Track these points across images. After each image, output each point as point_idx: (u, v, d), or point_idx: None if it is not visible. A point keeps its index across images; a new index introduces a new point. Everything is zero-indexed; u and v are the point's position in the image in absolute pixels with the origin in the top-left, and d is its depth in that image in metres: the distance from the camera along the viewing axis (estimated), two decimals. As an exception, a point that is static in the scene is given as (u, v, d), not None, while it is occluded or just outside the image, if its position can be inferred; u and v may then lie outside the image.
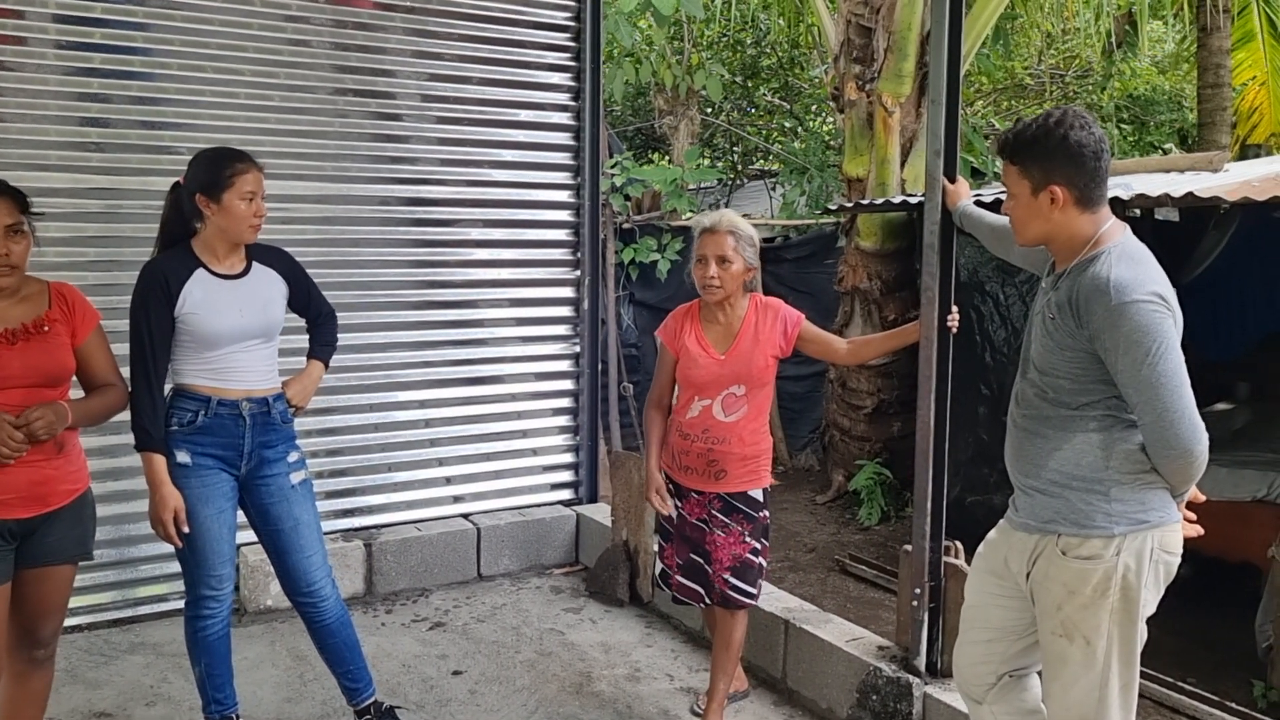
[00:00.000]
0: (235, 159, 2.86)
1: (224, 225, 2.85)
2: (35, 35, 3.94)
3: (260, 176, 2.88)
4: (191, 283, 2.82)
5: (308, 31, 4.42)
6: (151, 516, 2.82)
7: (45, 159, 3.97)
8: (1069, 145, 2.15)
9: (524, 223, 4.98)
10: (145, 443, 2.81)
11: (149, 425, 2.80)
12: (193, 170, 2.88)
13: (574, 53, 5.01)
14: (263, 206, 2.88)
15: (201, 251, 2.88)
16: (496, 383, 4.93)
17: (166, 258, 2.88)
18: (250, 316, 2.88)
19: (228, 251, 2.90)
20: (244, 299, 2.88)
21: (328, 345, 3.19)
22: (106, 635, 3.93)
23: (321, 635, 3.08)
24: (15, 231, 2.40)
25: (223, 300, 2.84)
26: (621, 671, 3.73)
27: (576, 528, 4.91)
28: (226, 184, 2.82)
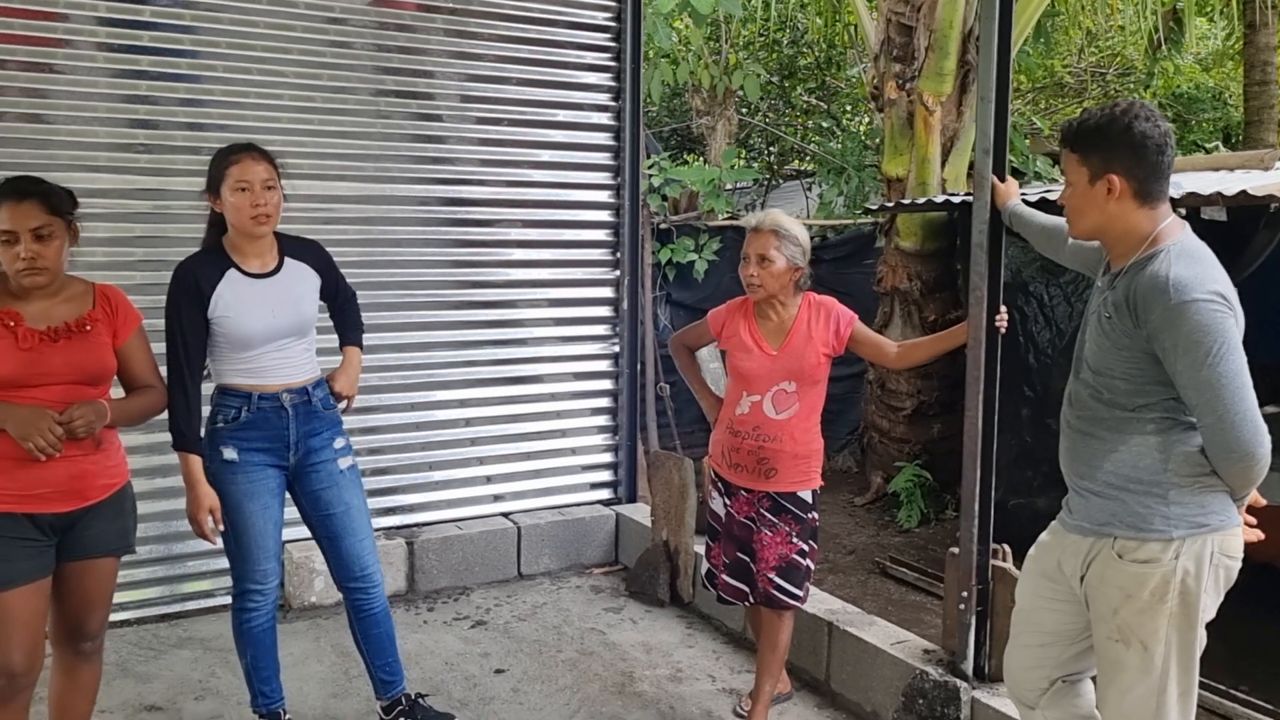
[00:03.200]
0: (230, 152, 2.84)
1: (230, 220, 2.85)
2: (83, 38, 4.00)
3: (258, 166, 2.80)
4: (223, 284, 2.82)
5: (349, 33, 4.45)
6: (188, 515, 2.86)
7: (94, 160, 4.03)
8: (1132, 135, 2.11)
9: (563, 223, 4.99)
10: (180, 443, 2.83)
11: (184, 426, 2.82)
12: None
13: (614, 53, 5.01)
14: (264, 197, 2.80)
15: (231, 250, 2.88)
16: (536, 382, 4.95)
17: (199, 258, 2.89)
18: (283, 316, 2.88)
19: (254, 248, 2.89)
20: (276, 298, 2.88)
21: (357, 328, 3.19)
22: (155, 630, 3.98)
23: (367, 625, 3.10)
24: (43, 235, 2.40)
25: (254, 301, 2.84)
26: (663, 672, 3.73)
27: (616, 527, 4.91)
28: (221, 178, 2.82)
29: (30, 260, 2.37)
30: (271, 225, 2.86)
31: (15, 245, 2.35)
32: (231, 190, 2.79)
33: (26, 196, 2.36)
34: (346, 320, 3.18)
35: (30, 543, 2.42)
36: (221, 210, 2.85)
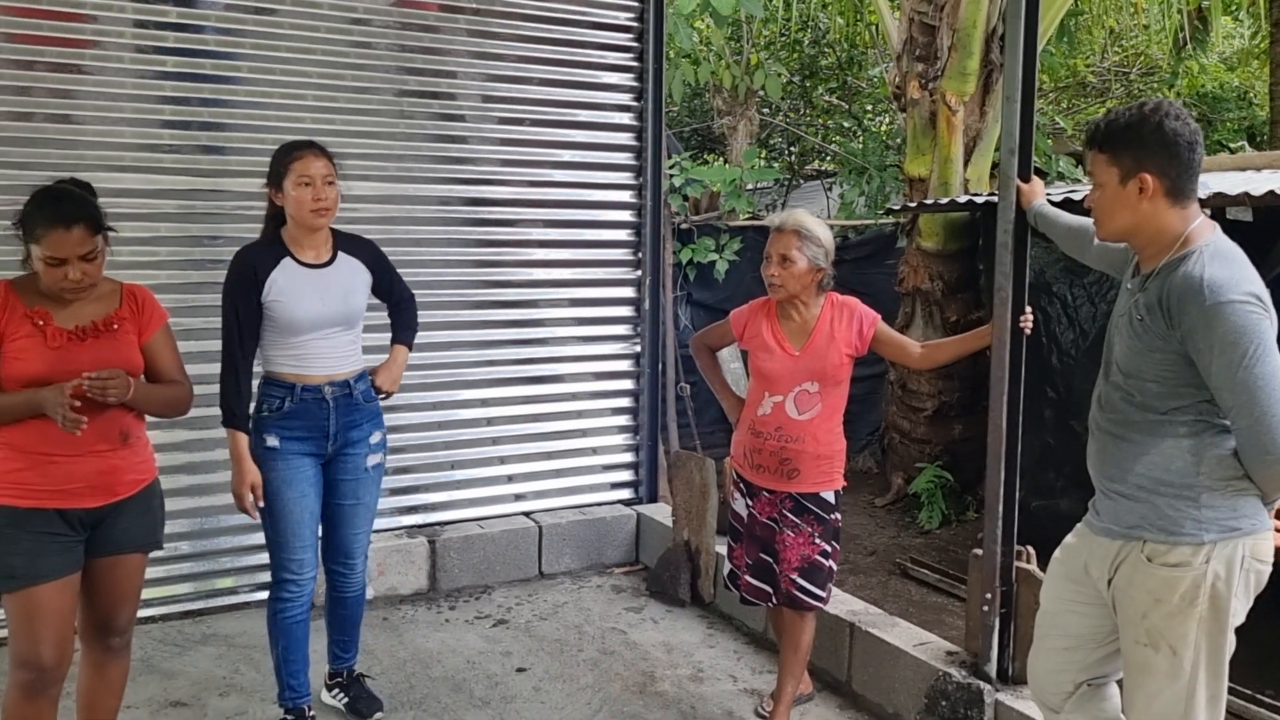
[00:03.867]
0: (294, 147, 2.96)
1: (290, 212, 2.95)
2: (111, 40, 4.03)
3: (319, 162, 2.92)
4: (277, 271, 2.93)
5: (372, 34, 4.47)
6: (232, 490, 2.96)
7: (120, 160, 4.05)
8: (1164, 133, 2.09)
9: (584, 223, 5.00)
10: (229, 419, 2.94)
11: (233, 403, 2.93)
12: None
13: (636, 53, 5.01)
14: (325, 192, 2.92)
15: (289, 241, 2.99)
16: (557, 382, 4.96)
17: (257, 246, 3.00)
18: (331, 305, 2.97)
19: (310, 240, 2.99)
20: (326, 288, 2.98)
21: (409, 329, 3.30)
22: (180, 626, 4.01)
23: (338, 603, 3.27)
24: (90, 257, 2.43)
25: (305, 289, 2.94)
26: (685, 672, 3.73)
27: (637, 527, 4.92)
28: (284, 172, 2.92)
29: (78, 281, 2.41)
30: (329, 218, 2.97)
31: (63, 267, 2.38)
32: (294, 184, 2.89)
33: (74, 223, 2.38)
34: (400, 320, 3.29)
35: (60, 538, 2.44)
36: (282, 203, 2.96)
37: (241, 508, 2.97)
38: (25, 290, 2.45)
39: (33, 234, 2.38)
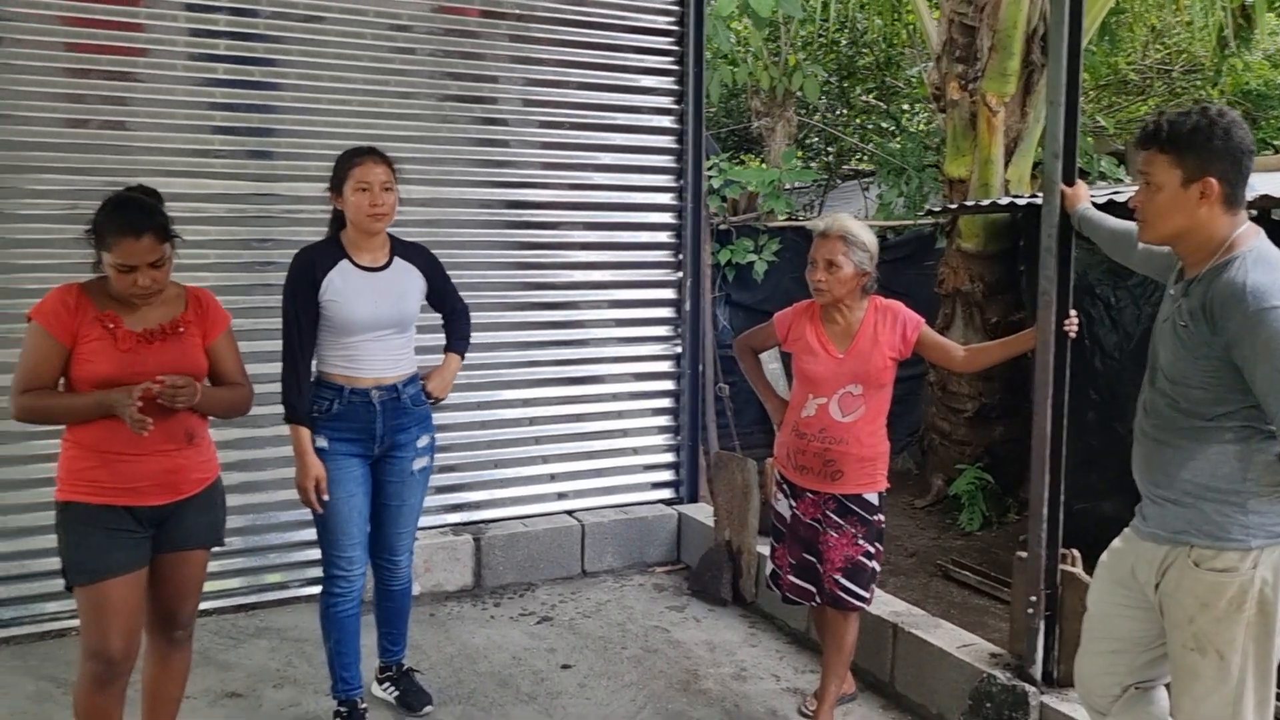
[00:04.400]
0: (354, 154, 3.03)
1: (349, 216, 3.03)
2: (163, 48, 4.14)
3: (378, 169, 2.99)
4: (334, 272, 3.00)
5: (415, 40, 4.55)
6: (296, 483, 3.03)
7: (171, 165, 4.15)
8: (1231, 140, 2.10)
9: (624, 225, 5.05)
10: (291, 415, 3.03)
11: (294, 400, 3.01)
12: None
13: (676, 56, 5.06)
14: (382, 197, 2.98)
15: (347, 244, 3.07)
16: (597, 382, 5.01)
17: (316, 246, 3.08)
18: (384, 308, 3.04)
19: (367, 244, 3.06)
20: (380, 290, 3.04)
21: (463, 339, 3.37)
22: (234, 620, 4.11)
23: (385, 595, 3.36)
24: (158, 264, 2.51)
25: (360, 290, 3.01)
26: (728, 670, 3.77)
27: (678, 527, 4.96)
28: (345, 178, 3.00)
29: (146, 287, 2.49)
30: (386, 223, 3.04)
31: (131, 275, 2.46)
32: (352, 190, 2.97)
33: (143, 232, 2.45)
34: (454, 330, 3.36)
35: (129, 534, 2.53)
36: (342, 208, 3.03)
37: (306, 501, 3.04)
38: (96, 294, 2.54)
39: (104, 242, 2.46)
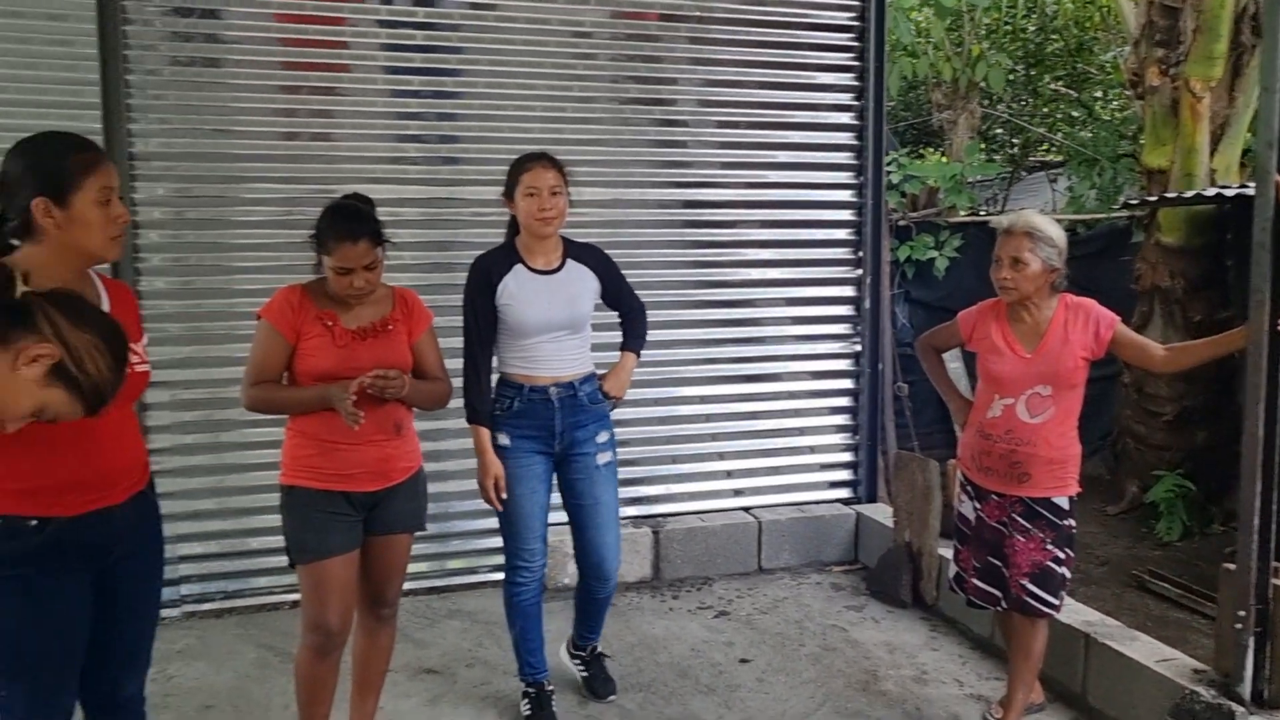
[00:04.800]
0: (524, 160, 3.11)
1: (520, 221, 3.13)
2: (364, 63, 4.42)
3: (547, 174, 3.05)
4: (509, 277, 3.11)
5: (596, 45, 4.68)
6: (478, 481, 3.17)
7: (371, 173, 4.41)
8: None
9: (802, 222, 5.04)
10: (472, 416, 3.16)
11: (475, 402, 3.14)
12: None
13: (856, 52, 5.01)
14: (550, 201, 3.04)
15: (521, 248, 3.16)
16: (775, 380, 5.03)
17: (493, 253, 3.18)
18: (558, 309, 3.12)
19: (540, 247, 3.14)
20: (554, 293, 3.12)
21: (638, 338, 3.39)
22: (427, 601, 4.35)
23: (589, 602, 3.42)
24: (372, 266, 2.69)
25: (534, 294, 3.10)
26: (908, 673, 3.72)
27: (856, 526, 4.92)
28: (515, 184, 3.10)
29: (360, 290, 2.68)
30: (555, 227, 3.10)
31: (348, 276, 2.65)
32: (522, 195, 3.07)
33: (360, 238, 2.64)
34: (629, 329, 3.40)
35: (344, 518, 2.73)
36: (515, 213, 3.14)
37: (486, 499, 3.17)
38: (316, 294, 2.75)
39: (324, 246, 2.67)
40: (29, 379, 1.70)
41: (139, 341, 2.23)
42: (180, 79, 4.17)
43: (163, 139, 4.17)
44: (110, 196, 2.09)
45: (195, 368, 4.25)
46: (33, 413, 1.74)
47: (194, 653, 3.85)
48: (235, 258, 4.30)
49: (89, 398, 1.77)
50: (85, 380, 1.75)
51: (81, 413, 1.79)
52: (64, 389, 1.74)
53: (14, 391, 1.69)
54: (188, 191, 4.23)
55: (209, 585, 4.31)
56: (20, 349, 1.69)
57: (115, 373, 1.80)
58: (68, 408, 1.76)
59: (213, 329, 4.28)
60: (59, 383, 1.73)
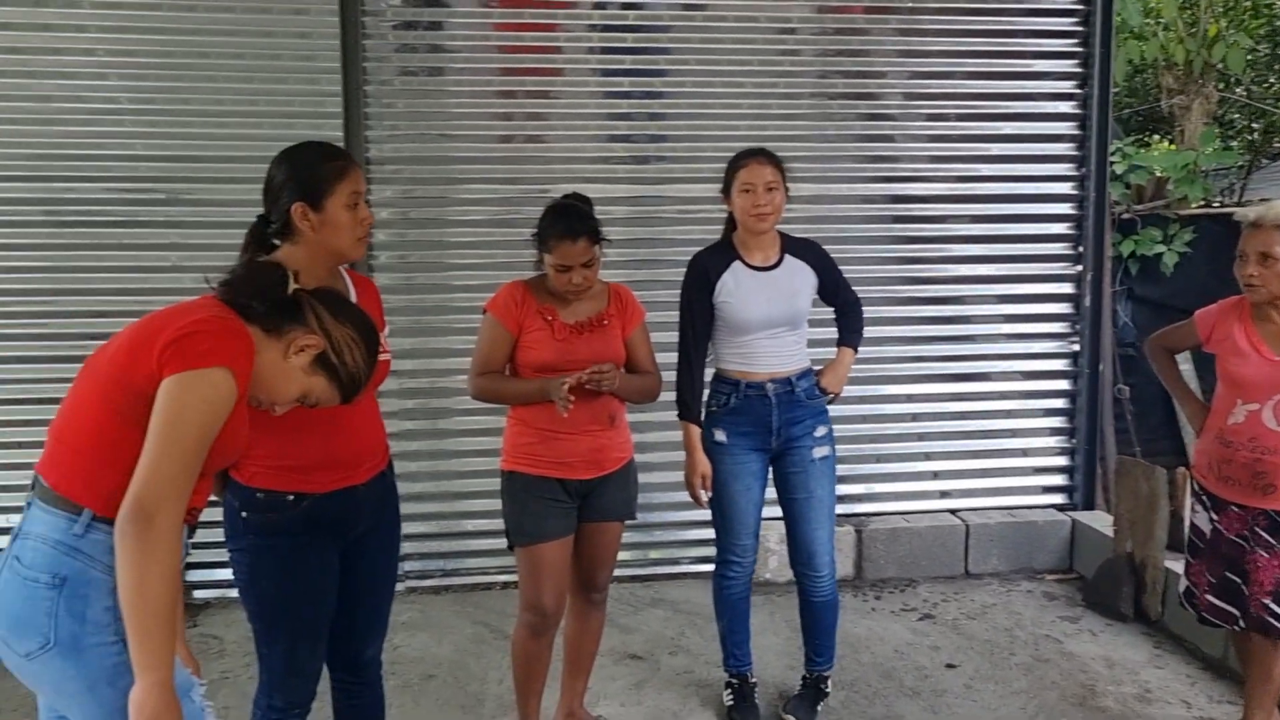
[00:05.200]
0: (741, 157, 3.13)
1: (737, 217, 3.14)
2: (576, 66, 4.57)
3: (763, 170, 3.05)
4: (727, 274, 3.12)
5: (802, 41, 4.67)
6: (685, 478, 3.21)
7: (582, 173, 4.55)
8: None
9: (1017, 217, 4.85)
10: (683, 413, 3.19)
11: (687, 398, 3.18)
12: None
13: (1080, 37, 4.78)
14: (765, 198, 3.03)
15: (739, 245, 3.17)
16: (985, 380, 4.87)
17: (710, 251, 3.21)
18: (777, 306, 3.11)
19: (757, 243, 3.15)
20: (772, 290, 3.12)
21: (855, 332, 3.34)
22: (632, 589, 4.47)
23: (806, 607, 3.33)
24: (589, 263, 2.80)
25: (752, 290, 3.11)
26: (1129, 690, 3.53)
27: (1071, 534, 4.70)
28: (731, 181, 3.11)
29: (579, 286, 2.80)
30: (770, 224, 3.10)
31: (568, 273, 2.77)
32: (738, 191, 3.08)
33: (579, 236, 2.75)
34: (846, 323, 3.35)
35: (560, 504, 2.85)
36: (732, 209, 3.16)
37: (693, 496, 3.20)
38: (537, 290, 2.88)
39: (545, 244, 2.79)
40: (297, 367, 1.87)
41: (382, 331, 2.41)
42: (408, 88, 4.45)
43: (393, 144, 4.46)
44: (358, 200, 2.26)
45: (417, 358, 4.52)
46: (298, 398, 1.91)
47: (416, 625, 4.11)
48: (454, 255, 4.55)
49: (346, 386, 1.94)
50: (344, 370, 1.91)
51: (338, 400, 1.95)
52: (325, 377, 1.91)
53: (284, 378, 1.87)
54: (412, 193, 4.51)
55: (429, 563, 4.58)
56: (291, 339, 1.86)
57: (369, 364, 1.96)
58: (328, 394, 1.93)
59: (433, 322, 4.54)
60: (322, 371, 1.90)
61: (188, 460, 1.68)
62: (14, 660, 1.73)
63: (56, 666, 1.70)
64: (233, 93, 4.33)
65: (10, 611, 1.71)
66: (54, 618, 1.68)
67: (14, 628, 1.70)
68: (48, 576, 1.69)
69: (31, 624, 1.68)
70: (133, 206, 4.31)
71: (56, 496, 1.73)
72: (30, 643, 1.69)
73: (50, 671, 1.71)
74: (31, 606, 1.69)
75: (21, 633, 1.69)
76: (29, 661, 1.70)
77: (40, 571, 1.69)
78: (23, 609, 1.69)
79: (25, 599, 1.69)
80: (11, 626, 1.70)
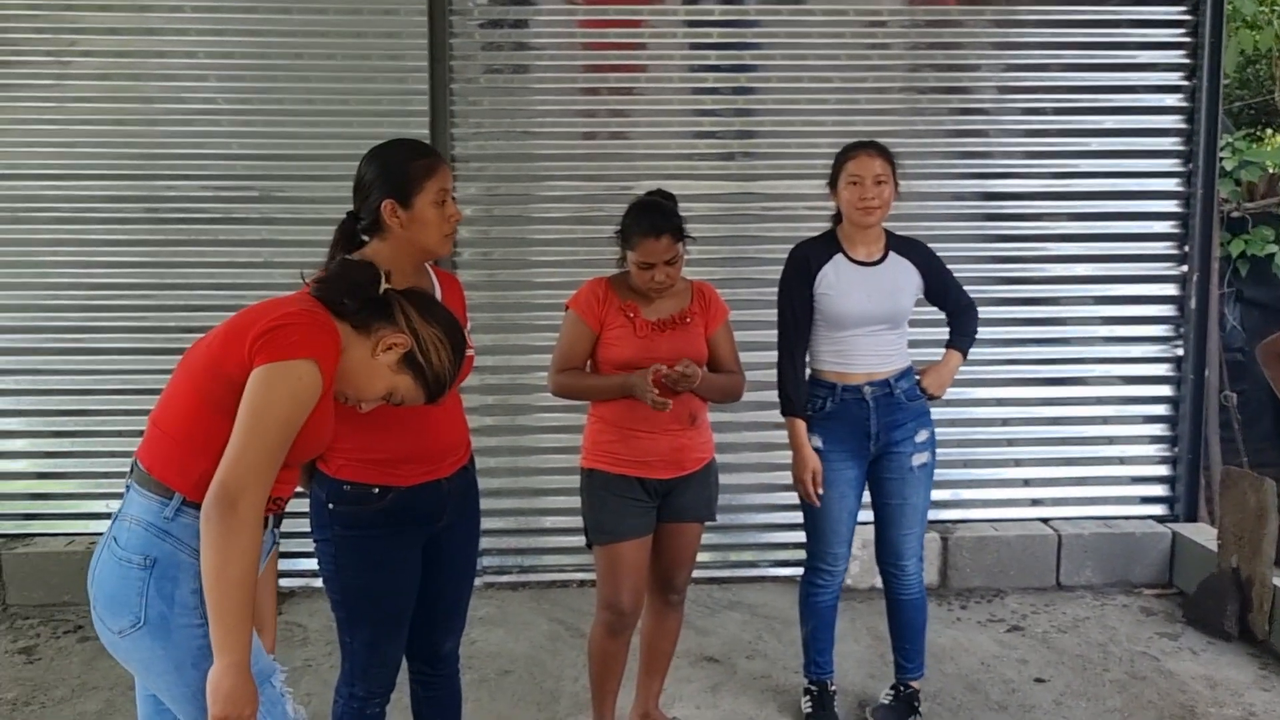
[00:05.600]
0: (850, 148, 3.05)
1: (842, 210, 3.06)
2: (662, 62, 4.54)
3: (872, 161, 2.96)
4: (829, 266, 3.04)
5: (892, 34, 4.56)
6: (793, 475, 3.13)
7: (665, 169, 4.50)
8: None
9: (1117, 215, 4.66)
10: (787, 408, 3.11)
11: (791, 393, 3.10)
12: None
13: (1189, 27, 4.56)
14: (873, 191, 2.94)
15: (843, 238, 3.09)
16: (1080, 384, 4.69)
17: (813, 242, 3.14)
18: (877, 302, 3.02)
19: (862, 238, 3.06)
20: (873, 285, 3.03)
21: (966, 336, 3.23)
22: (709, 591, 4.42)
23: (893, 605, 3.25)
24: (672, 261, 2.77)
25: (853, 285, 3.02)
26: (1233, 712, 3.35)
27: (1171, 547, 4.49)
28: (839, 172, 3.04)
29: (661, 284, 2.76)
30: (877, 218, 3.00)
31: (650, 271, 2.75)
32: (845, 183, 3.00)
33: (662, 233, 2.72)
34: (957, 326, 3.24)
35: (639, 503, 2.82)
36: (838, 202, 3.08)
37: (803, 494, 3.11)
38: (619, 286, 2.86)
39: (629, 241, 2.77)
40: (384, 364, 1.90)
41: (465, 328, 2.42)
42: (494, 86, 4.48)
43: (478, 142, 4.49)
44: (445, 198, 2.27)
45: (498, 355, 4.54)
46: (384, 395, 1.93)
47: (493, 620, 4.13)
48: (536, 252, 4.56)
49: (431, 386, 1.95)
50: (429, 369, 1.93)
51: (423, 399, 1.97)
52: (411, 376, 1.92)
53: (371, 375, 1.90)
54: (496, 191, 4.53)
55: (506, 559, 4.60)
56: (379, 337, 1.89)
57: (454, 365, 1.98)
58: (413, 393, 1.95)
59: (514, 319, 4.56)
60: (408, 370, 1.92)
61: (271, 449, 1.72)
62: (108, 637, 1.80)
63: (146, 645, 1.76)
64: (324, 92, 4.42)
65: (106, 590, 1.78)
66: (144, 598, 1.74)
67: (109, 605, 1.77)
68: (139, 557, 1.75)
69: (124, 603, 1.75)
70: (228, 204, 4.43)
71: (151, 480, 1.79)
72: (123, 620, 1.76)
73: (140, 650, 1.77)
74: (125, 586, 1.75)
75: (115, 611, 1.76)
76: (121, 639, 1.77)
77: (133, 552, 1.76)
78: (117, 588, 1.76)
79: (120, 578, 1.76)
80: (107, 604, 1.78)
